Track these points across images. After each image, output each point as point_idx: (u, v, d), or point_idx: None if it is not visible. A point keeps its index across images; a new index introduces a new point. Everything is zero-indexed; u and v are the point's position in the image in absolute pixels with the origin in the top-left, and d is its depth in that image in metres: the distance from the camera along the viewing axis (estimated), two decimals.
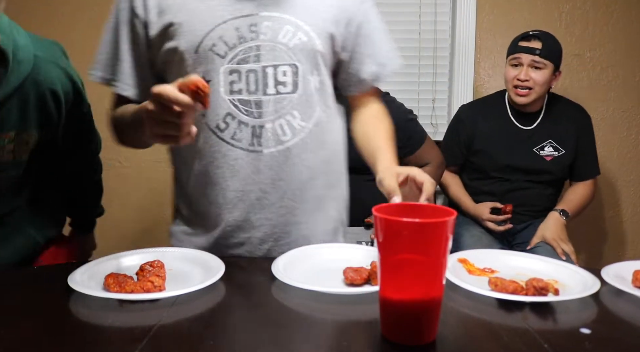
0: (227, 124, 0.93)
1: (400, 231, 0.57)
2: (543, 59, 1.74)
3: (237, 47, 0.91)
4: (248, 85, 0.92)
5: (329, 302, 0.73)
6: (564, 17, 2.18)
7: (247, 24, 0.91)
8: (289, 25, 0.92)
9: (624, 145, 2.28)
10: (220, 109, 0.92)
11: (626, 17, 2.20)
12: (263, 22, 0.91)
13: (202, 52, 0.90)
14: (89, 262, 0.83)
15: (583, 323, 0.67)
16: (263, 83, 0.92)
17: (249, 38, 0.91)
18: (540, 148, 1.84)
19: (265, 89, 0.92)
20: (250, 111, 0.92)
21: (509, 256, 0.92)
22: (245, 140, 0.93)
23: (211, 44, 0.90)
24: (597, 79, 2.23)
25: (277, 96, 0.93)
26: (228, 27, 0.90)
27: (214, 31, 0.90)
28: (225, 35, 0.90)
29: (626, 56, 2.22)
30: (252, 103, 0.92)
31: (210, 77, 0.91)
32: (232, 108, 0.92)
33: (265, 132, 0.93)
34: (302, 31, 0.93)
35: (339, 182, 1.07)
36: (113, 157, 2.25)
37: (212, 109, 0.92)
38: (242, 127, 0.93)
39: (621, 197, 2.31)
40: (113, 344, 0.60)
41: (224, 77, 0.91)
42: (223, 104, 0.92)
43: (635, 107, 2.26)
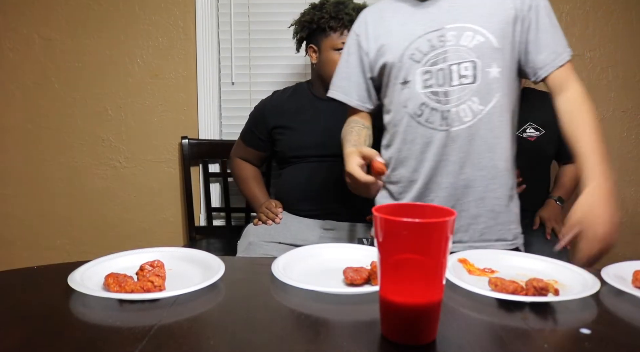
0: (422, 111, 1.19)
1: (400, 231, 0.57)
2: None
3: (429, 54, 1.17)
4: (437, 80, 1.17)
5: (329, 302, 0.73)
6: (564, 17, 2.18)
7: (436, 36, 1.17)
8: (469, 31, 1.16)
9: (624, 145, 2.27)
10: (417, 100, 1.18)
11: (626, 17, 2.20)
12: (449, 33, 1.16)
13: (404, 59, 1.19)
14: (89, 262, 0.83)
15: (583, 323, 0.67)
16: (449, 77, 1.16)
17: (439, 46, 1.16)
18: (522, 131, 1.90)
19: (451, 81, 1.16)
20: (439, 100, 1.17)
21: (509, 256, 0.92)
22: (437, 122, 1.17)
23: (411, 54, 1.18)
24: (597, 79, 2.23)
25: (460, 86, 1.16)
26: (422, 40, 1.17)
27: (412, 44, 1.18)
28: (420, 46, 1.18)
29: (626, 56, 2.22)
30: (441, 93, 1.17)
31: (410, 79, 1.19)
32: (426, 99, 1.18)
33: (451, 115, 1.16)
34: (480, 34, 1.15)
35: (507, 158, 1.24)
36: (113, 157, 2.25)
37: (411, 101, 1.19)
38: (434, 113, 1.18)
39: (621, 198, 2.30)
40: (113, 344, 0.60)
41: (420, 76, 1.18)
42: (419, 96, 1.18)
43: (635, 107, 2.26)
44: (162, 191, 2.26)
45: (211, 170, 2.21)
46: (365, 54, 1.27)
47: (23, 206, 2.27)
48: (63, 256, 2.28)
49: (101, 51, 2.20)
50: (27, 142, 2.24)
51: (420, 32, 1.18)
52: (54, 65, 2.20)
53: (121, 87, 2.21)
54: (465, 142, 1.17)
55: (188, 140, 2.18)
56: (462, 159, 1.18)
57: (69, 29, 2.18)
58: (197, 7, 2.17)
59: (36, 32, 2.19)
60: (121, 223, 2.28)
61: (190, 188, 2.18)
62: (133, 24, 2.19)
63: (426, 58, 1.17)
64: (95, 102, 2.23)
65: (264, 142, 1.86)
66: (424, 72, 1.17)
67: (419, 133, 1.20)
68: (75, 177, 2.25)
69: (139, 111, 2.22)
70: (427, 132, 1.19)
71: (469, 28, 1.15)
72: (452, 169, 1.19)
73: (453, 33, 1.16)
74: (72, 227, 2.28)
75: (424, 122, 1.19)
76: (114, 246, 2.15)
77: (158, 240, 2.27)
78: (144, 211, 2.27)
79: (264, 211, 1.76)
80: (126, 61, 2.21)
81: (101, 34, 2.19)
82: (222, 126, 2.28)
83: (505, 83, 1.18)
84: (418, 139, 1.20)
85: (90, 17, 2.18)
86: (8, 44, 2.18)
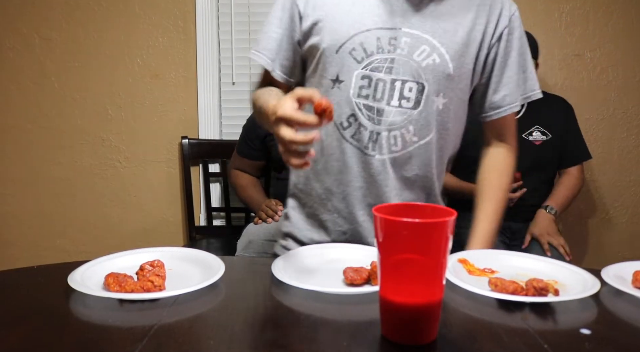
0: (349, 123, 1.00)
1: (400, 231, 0.57)
2: None
3: (374, 56, 0.97)
4: (375, 92, 0.98)
5: (329, 302, 0.73)
6: (564, 17, 2.19)
7: (388, 36, 0.96)
8: (426, 44, 0.97)
9: (624, 145, 2.27)
10: (346, 108, 0.99)
11: (626, 17, 2.20)
12: (403, 38, 0.96)
13: (341, 53, 0.97)
14: (89, 262, 0.83)
15: (583, 323, 0.67)
16: (389, 94, 0.98)
17: (387, 50, 0.97)
18: (529, 134, 1.88)
19: (390, 100, 0.98)
20: (371, 117, 0.99)
21: (509, 256, 0.92)
22: (364, 142, 1.00)
23: (351, 48, 0.97)
24: (597, 79, 2.23)
25: (398, 109, 0.98)
26: (370, 35, 0.96)
27: (357, 36, 0.96)
28: (365, 42, 0.96)
29: (626, 56, 2.22)
30: (375, 110, 0.98)
31: (343, 78, 0.98)
32: (357, 110, 0.99)
33: (380, 139, 0.99)
34: (437, 52, 0.97)
35: (435, 194, 1.10)
36: (113, 157, 2.25)
37: (339, 107, 0.99)
38: (362, 130, 0.99)
39: (621, 198, 2.30)
40: (113, 344, 0.60)
41: (356, 80, 0.98)
42: (349, 105, 0.99)
43: (635, 107, 2.26)
44: (162, 191, 2.26)
45: (211, 170, 2.21)
46: (299, 17, 1.02)
47: (23, 206, 2.27)
48: (63, 256, 2.28)
49: (101, 51, 2.20)
50: (27, 142, 2.24)
51: (370, 24, 0.97)
52: (54, 65, 2.20)
53: (121, 87, 2.21)
54: (390, 173, 1.01)
55: (188, 140, 2.18)
56: (382, 192, 1.02)
57: (69, 29, 2.19)
58: (197, 7, 2.17)
59: (36, 32, 2.19)
60: (121, 223, 2.28)
61: (190, 188, 2.18)
62: (133, 24, 2.19)
63: (369, 60, 0.97)
64: (95, 102, 2.23)
65: (258, 152, 1.88)
66: (361, 76, 0.97)
67: (341, 149, 1.01)
68: (75, 177, 2.25)
69: (139, 111, 2.22)
70: (350, 150, 1.01)
71: (426, 41, 0.97)
72: (370, 202, 1.03)
73: (407, 40, 0.96)
74: (72, 227, 2.28)
75: (349, 138, 1.00)
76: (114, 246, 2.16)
77: (158, 240, 2.27)
78: (144, 211, 2.27)
79: (263, 209, 1.76)
80: (126, 61, 2.21)
81: (101, 34, 2.19)
82: (222, 126, 2.28)
83: (449, 118, 1.02)
84: (338, 154, 1.02)
85: (90, 17, 2.18)
86: (8, 43, 2.19)
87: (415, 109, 0.98)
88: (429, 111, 0.99)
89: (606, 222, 2.32)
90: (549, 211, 1.83)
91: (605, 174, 2.28)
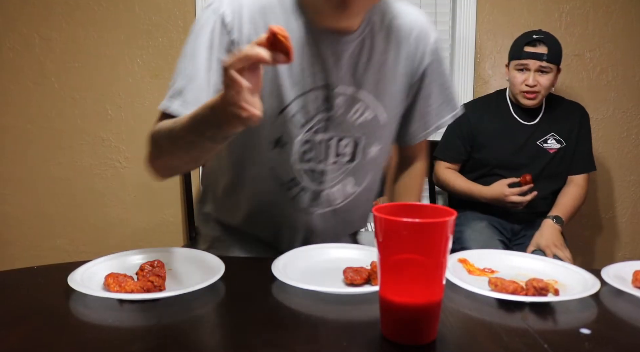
0: (290, 186, 0.99)
1: (400, 231, 0.57)
2: (549, 64, 1.77)
3: (314, 118, 0.94)
4: (318, 155, 0.97)
5: (329, 302, 0.73)
6: (564, 17, 2.19)
7: (323, 95, 0.93)
8: (360, 103, 0.96)
9: (624, 145, 2.28)
10: (289, 172, 0.97)
11: (626, 17, 2.20)
12: (338, 98, 0.94)
13: (283, 117, 0.92)
14: (89, 262, 0.83)
15: (583, 323, 0.67)
16: (326, 153, 0.97)
17: (322, 109, 0.94)
18: (544, 141, 1.86)
19: (328, 158, 0.98)
20: (313, 178, 0.99)
21: (509, 256, 0.92)
22: (304, 202, 1.00)
23: (293, 112, 0.92)
24: (597, 79, 2.23)
25: (335, 165, 0.99)
26: (309, 96, 0.92)
27: (298, 100, 0.91)
28: (307, 105, 0.92)
29: (626, 56, 2.22)
30: (317, 172, 0.98)
31: (285, 142, 0.94)
32: (299, 176, 0.98)
33: (322, 197, 1.01)
34: (370, 109, 0.97)
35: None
36: (113, 157, 2.25)
37: (281, 168, 0.96)
38: (303, 193, 0.99)
39: (621, 198, 2.31)
40: (113, 344, 0.60)
41: (299, 146, 0.95)
42: (292, 170, 0.97)
43: (635, 107, 2.26)
44: (162, 191, 2.26)
45: None
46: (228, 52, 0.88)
47: (23, 206, 2.27)
48: (63, 256, 2.28)
49: (101, 51, 2.20)
50: (27, 142, 2.24)
51: (309, 84, 0.91)
52: (53, 65, 2.20)
53: (121, 87, 2.21)
54: (331, 221, 1.03)
55: None
56: (316, 236, 1.04)
57: (69, 29, 2.18)
58: (197, 7, 2.17)
59: (36, 31, 2.19)
60: (121, 223, 2.28)
61: (190, 188, 2.18)
62: (133, 24, 2.19)
63: (311, 123, 0.93)
64: (95, 102, 2.23)
65: None
66: (304, 141, 0.94)
67: (279, 206, 1.00)
68: (75, 177, 2.25)
69: (139, 111, 2.22)
70: (288, 210, 1.00)
71: (360, 99, 0.95)
72: (300, 238, 1.04)
73: (342, 100, 0.94)
74: (72, 227, 2.28)
75: (288, 199, 0.99)
76: (114, 246, 2.15)
77: (158, 240, 2.27)
78: (144, 211, 2.27)
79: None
80: (126, 61, 2.21)
81: (101, 34, 2.19)
82: None
83: (382, 159, 1.05)
84: (274, 210, 1.01)
85: (90, 17, 2.18)
86: (8, 43, 2.18)
87: (352, 162, 1.00)
88: (366, 160, 1.01)
89: (606, 222, 2.32)
90: (556, 222, 1.78)
91: (605, 174, 2.28)
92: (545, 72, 1.77)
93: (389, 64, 0.97)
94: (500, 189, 1.79)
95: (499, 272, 0.85)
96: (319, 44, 0.90)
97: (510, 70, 1.84)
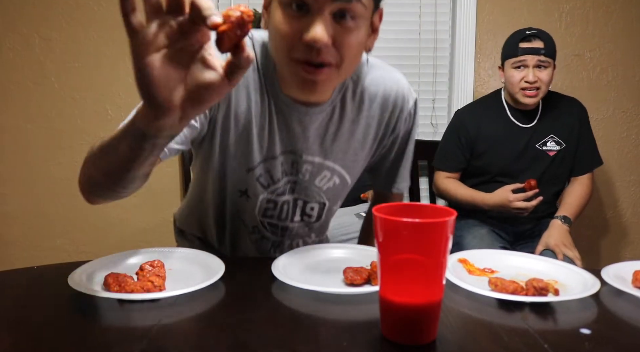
0: (254, 232, 1.04)
1: (400, 231, 0.57)
2: (548, 58, 1.73)
3: (279, 182, 0.97)
4: (280, 213, 1.01)
5: (329, 302, 0.73)
6: (564, 17, 2.19)
7: (290, 160, 0.96)
8: (326, 170, 0.99)
9: (624, 145, 2.27)
10: (252, 220, 1.02)
11: (626, 17, 2.20)
12: (304, 165, 0.97)
13: (250, 176, 0.95)
14: (89, 262, 0.83)
15: (583, 323, 0.67)
16: (292, 212, 1.02)
17: (290, 172, 0.97)
18: (543, 144, 1.82)
19: (293, 217, 1.03)
20: (275, 232, 1.04)
21: (509, 256, 0.92)
22: (265, 249, 1.06)
23: (259, 174, 0.95)
24: (597, 79, 2.23)
25: (301, 223, 1.04)
26: (276, 161, 0.95)
27: (264, 163, 0.94)
28: (272, 170, 0.95)
29: (626, 56, 2.22)
30: (279, 227, 1.03)
31: (250, 195, 0.98)
32: (261, 226, 1.03)
33: (283, 246, 1.06)
34: (337, 175, 1.00)
35: None
36: None
37: (246, 214, 1.01)
38: (265, 241, 1.05)
39: (621, 198, 2.30)
40: (113, 344, 0.60)
41: (261, 203, 0.99)
42: (254, 219, 1.02)
43: (635, 107, 2.26)
44: (162, 191, 2.26)
45: None
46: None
47: (23, 206, 2.27)
48: (63, 256, 2.28)
49: (101, 51, 2.20)
50: (26, 142, 2.24)
51: (276, 150, 0.94)
52: (53, 65, 2.20)
53: (121, 87, 2.21)
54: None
55: None
56: None
57: (69, 29, 2.18)
58: None
59: (36, 32, 2.19)
60: (121, 223, 2.28)
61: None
62: None
63: (275, 186, 0.97)
64: (95, 102, 2.23)
65: None
66: (267, 200, 0.99)
67: (246, 244, 1.06)
68: (75, 177, 2.24)
69: None
70: (253, 249, 1.06)
71: (327, 167, 0.98)
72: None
73: (309, 167, 0.97)
74: (72, 227, 2.28)
75: (253, 241, 1.05)
76: (114, 246, 2.16)
77: (158, 240, 2.27)
78: (144, 211, 2.27)
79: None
80: (126, 61, 2.20)
81: (101, 34, 2.19)
82: None
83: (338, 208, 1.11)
84: (244, 247, 1.06)
85: (90, 17, 2.18)
86: (8, 43, 2.18)
87: (317, 222, 1.06)
88: (328, 217, 1.08)
89: (606, 222, 2.32)
90: (565, 222, 1.76)
91: (605, 174, 2.28)
92: (544, 67, 1.73)
93: (358, 133, 0.98)
94: (505, 195, 1.76)
95: (499, 272, 0.85)
96: (288, 113, 0.91)
97: (507, 70, 1.79)
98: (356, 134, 0.97)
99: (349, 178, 1.02)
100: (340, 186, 1.01)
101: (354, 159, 1.00)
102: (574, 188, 1.87)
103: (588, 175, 1.88)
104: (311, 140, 0.94)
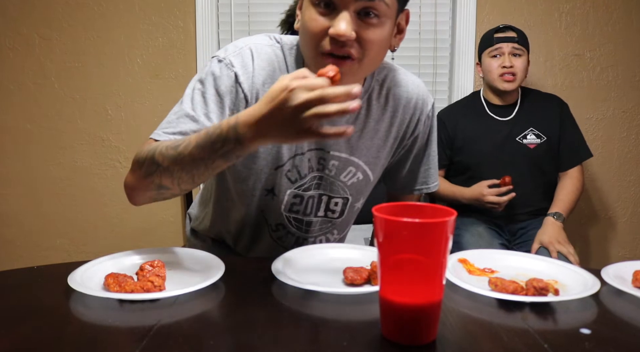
0: (278, 229, 1.06)
1: (400, 231, 0.57)
2: (521, 46, 1.84)
3: (306, 177, 1.00)
4: (305, 208, 1.03)
5: (329, 302, 0.73)
6: (564, 17, 2.19)
7: (317, 156, 0.99)
8: (352, 166, 1.02)
9: (624, 145, 2.27)
10: (276, 217, 1.04)
11: (626, 17, 2.20)
12: (331, 160, 1.00)
13: (279, 172, 0.98)
14: (89, 262, 0.83)
15: (583, 323, 0.67)
16: (316, 207, 1.04)
17: (316, 169, 1.00)
18: (523, 137, 1.86)
19: (317, 212, 1.05)
20: (299, 227, 1.06)
21: (509, 256, 0.92)
22: (289, 244, 1.07)
23: (287, 169, 0.98)
24: (597, 79, 2.23)
25: (324, 219, 1.06)
26: (304, 157, 0.98)
27: (293, 159, 0.98)
28: (300, 165, 0.98)
29: (626, 56, 2.22)
30: (304, 222, 1.05)
31: (277, 193, 1.00)
32: (286, 222, 1.04)
33: (307, 243, 1.07)
34: (361, 170, 1.03)
35: None
36: (113, 157, 2.25)
37: (269, 213, 1.03)
38: (289, 236, 1.06)
39: (621, 197, 2.30)
40: (113, 344, 0.60)
41: (288, 198, 1.01)
42: (280, 216, 1.04)
43: (635, 107, 2.26)
44: None
45: None
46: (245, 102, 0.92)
47: (23, 206, 2.27)
48: (63, 256, 2.28)
49: (101, 51, 2.20)
50: (27, 142, 2.24)
51: (305, 146, 0.98)
52: (53, 65, 2.20)
53: (121, 87, 2.21)
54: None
55: None
56: None
57: (69, 29, 2.19)
58: (197, 7, 2.17)
59: (36, 32, 2.19)
60: (121, 223, 2.28)
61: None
62: (133, 24, 2.19)
63: (301, 182, 1.00)
64: (95, 102, 2.23)
65: None
66: (294, 195, 1.01)
67: (267, 242, 1.07)
68: (75, 177, 2.25)
69: (139, 111, 2.22)
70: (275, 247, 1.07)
71: (352, 162, 1.01)
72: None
73: (335, 163, 1.00)
74: (72, 227, 2.28)
75: (275, 239, 1.07)
76: (114, 246, 2.15)
77: (158, 240, 2.27)
78: (144, 211, 2.27)
79: None
80: (126, 61, 2.21)
81: (101, 34, 2.19)
82: None
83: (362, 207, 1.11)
84: (263, 246, 1.08)
85: (90, 17, 2.18)
86: (8, 44, 2.19)
87: (340, 218, 1.08)
88: (351, 215, 1.10)
89: (606, 222, 2.32)
90: (557, 219, 1.78)
91: (605, 174, 2.28)
92: (519, 55, 1.83)
93: (381, 132, 1.02)
94: (479, 190, 1.81)
95: (499, 272, 0.85)
96: None
97: (484, 61, 1.88)
98: (380, 132, 1.02)
99: (371, 175, 1.05)
100: (364, 182, 1.05)
101: (377, 155, 1.04)
102: (564, 183, 1.89)
103: (577, 168, 1.90)
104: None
